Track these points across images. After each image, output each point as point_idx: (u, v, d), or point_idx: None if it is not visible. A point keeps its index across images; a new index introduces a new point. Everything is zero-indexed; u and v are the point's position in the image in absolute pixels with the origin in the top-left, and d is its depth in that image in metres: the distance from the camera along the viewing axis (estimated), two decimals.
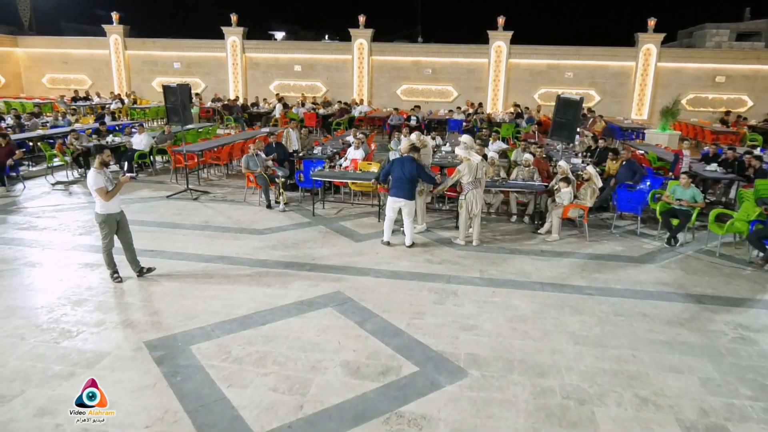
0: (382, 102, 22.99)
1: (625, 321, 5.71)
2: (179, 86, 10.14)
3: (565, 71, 21.86)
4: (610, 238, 8.53)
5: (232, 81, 24.13)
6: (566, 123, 9.07)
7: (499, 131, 16.42)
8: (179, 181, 11.49)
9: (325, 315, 5.60)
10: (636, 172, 9.50)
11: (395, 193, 7.50)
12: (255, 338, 5.13)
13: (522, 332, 5.40)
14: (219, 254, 7.31)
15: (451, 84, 22.83)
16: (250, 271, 6.74)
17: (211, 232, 8.27)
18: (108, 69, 25.12)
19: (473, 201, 7.74)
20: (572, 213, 8.39)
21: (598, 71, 21.76)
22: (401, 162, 7.51)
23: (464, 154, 7.74)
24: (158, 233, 8.17)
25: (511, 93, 22.34)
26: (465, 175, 7.67)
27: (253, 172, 10.03)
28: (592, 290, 6.44)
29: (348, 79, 23.34)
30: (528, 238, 8.38)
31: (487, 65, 22.23)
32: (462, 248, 7.84)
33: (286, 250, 7.56)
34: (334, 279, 6.54)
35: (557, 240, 8.25)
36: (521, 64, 22.15)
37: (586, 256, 7.66)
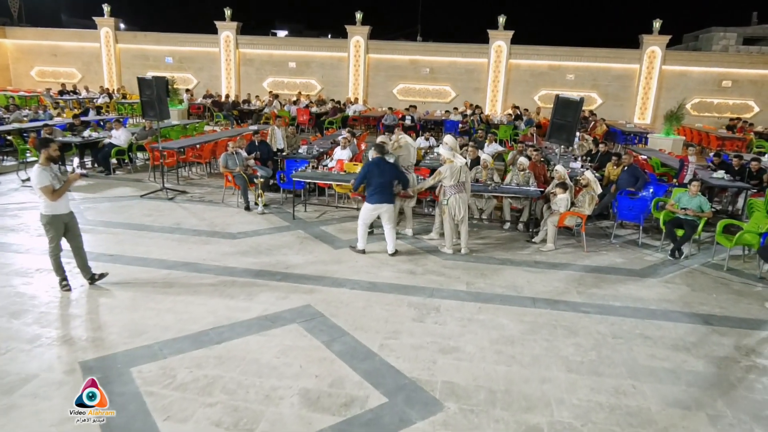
0: (378, 101, 22.62)
1: (625, 344, 5.18)
2: (155, 78, 9.66)
3: (567, 73, 21.52)
4: (609, 249, 8.11)
5: (224, 77, 23.77)
6: (565, 125, 8.62)
7: (497, 133, 16.11)
8: (157, 180, 10.99)
9: (290, 333, 5.09)
10: (638, 178, 9.09)
11: (379, 200, 7.07)
12: (206, 360, 4.59)
13: (508, 356, 4.85)
14: (184, 260, 6.84)
15: (449, 84, 22.51)
16: (215, 280, 6.25)
17: (180, 236, 7.82)
18: (98, 63, 24.70)
19: (456, 206, 7.30)
20: (569, 221, 7.98)
21: (600, 73, 21.39)
22: (379, 166, 7.07)
23: (447, 155, 7.29)
24: (123, 235, 7.74)
25: (511, 94, 22.00)
26: (446, 178, 7.25)
27: (231, 171, 9.54)
28: (588, 308, 5.95)
29: (343, 78, 22.99)
30: (521, 248, 7.95)
31: (486, 65, 21.89)
32: (449, 257, 7.37)
33: (258, 256, 7.09)
34: (305, 290, 6.06)
35: (552, 250, 7.83)
36: (522, 64, 21.80)
37: (583, 268, 7.22)
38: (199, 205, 9.51)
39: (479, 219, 9.06)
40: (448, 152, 7.29)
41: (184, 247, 7.34)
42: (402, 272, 6.72)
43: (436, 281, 6.48)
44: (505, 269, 7.01)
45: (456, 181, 7.22)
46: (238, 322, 5.25)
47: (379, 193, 7.06)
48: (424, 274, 6.71)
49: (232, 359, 4.59)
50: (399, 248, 7.51)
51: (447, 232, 7.48)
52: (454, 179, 7.22)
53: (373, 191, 7.08)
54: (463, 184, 7.26)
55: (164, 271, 6.46)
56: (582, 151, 12.25)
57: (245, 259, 6.96)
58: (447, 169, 7.23)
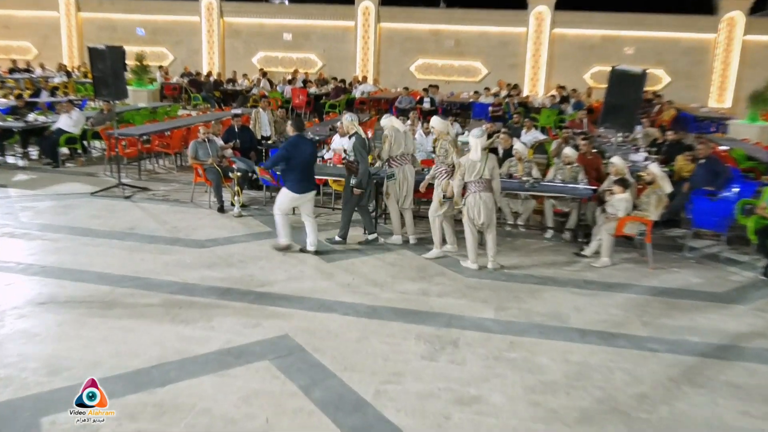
0: (392, 81, 22.48)
1: (707, 396, 4.73)
2: (109, 48, 9.43)
3: (625, 45, 21.17)
4: (682, 265, 7.76)
5: (206, 52, 23.82)
6: (623, 105, 8.43)
7: (537, 118, 15.83)
8: (114, 174, 10.87)
9: (258, 373, 4.75)
10: (718, 174, 8.73)
11: (307, 188, 7.31)
12: (143, 408, 4.23)
13: (548, 411, 4.43)
14: (132, 274, 6.62)
15: (479, 59, 22.30)
16: (168, 300, 5.99)
17: (132, 243, 7.65)
18: (57, 35, 24.81)
19: (475, 208, 7.03)
20: (630, 228, 7.66)
21: (667, 46, 20.95)
22: (300, 146, 7.18)
23: (482, 143, 7.10)
24: (63, 242, 7.58)
25: (555, 72, 21.71)
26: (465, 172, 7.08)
27: (202, 163, 9.29)
28: (656, 344, 5.56)
29: (350, 52, 22.87)
30: (567, 262, 7.64)
31: (524, 36, 21.65)
32: (472, 274, 7.05)
33: (227, 270, 6.85)
34: (283, 316, 5.75)
35: (608, 266, 7.52)
36: (568, 35, 21.51)
37: (648, 290, 6.87)
38: (162, 205, 9.40)
39: (513, 225, 8.86)
40: (479, 139, 7.07)
41: (136, 257, 7.15)
42: (410, 293, 6.42)
43: (455, 306, 6.17)
44: (546, 291, 6.70)
45: (477, 176, 6.96)
46: (191, 357, 4.93)
47: (306, 179, 7.28)
48: (439, 296, 6.40)
49: (177, 409, 4.23)
50: (408, 260, 7.28)
51: (468, 242, 7.21)
52: (474, 173, 6.96)
53: (298, 177, 7.20)
54: (483, 180, 7.00)
55: (105, 287, 6.24)
56: (646, 141, 11.91)
57: (210, 273, 6.73)
58: (467, 161, 7.04)
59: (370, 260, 7.32)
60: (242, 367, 4.81)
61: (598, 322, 5.93)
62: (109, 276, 6.52)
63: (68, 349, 4.98)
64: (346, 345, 5.23)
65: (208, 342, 5.17)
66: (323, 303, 6.05)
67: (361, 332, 5.48)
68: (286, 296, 6.17)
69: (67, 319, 5.49)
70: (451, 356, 5.13)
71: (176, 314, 5.68)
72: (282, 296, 6.17)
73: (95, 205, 9.20)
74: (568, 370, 4.99)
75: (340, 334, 5.42)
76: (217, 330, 5.40)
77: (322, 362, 4.93)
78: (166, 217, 8.78)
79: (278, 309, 5.87)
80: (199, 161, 9.32)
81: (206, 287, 6.32)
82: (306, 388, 4.54)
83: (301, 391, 4.49)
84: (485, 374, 4.87)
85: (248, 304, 5.95)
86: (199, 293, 6.17)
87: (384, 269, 7.06)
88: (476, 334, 5.56)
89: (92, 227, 8.15)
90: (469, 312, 6.02)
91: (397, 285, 6.62)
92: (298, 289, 6.38)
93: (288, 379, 4.66)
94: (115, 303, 5.88)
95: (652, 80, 20.14)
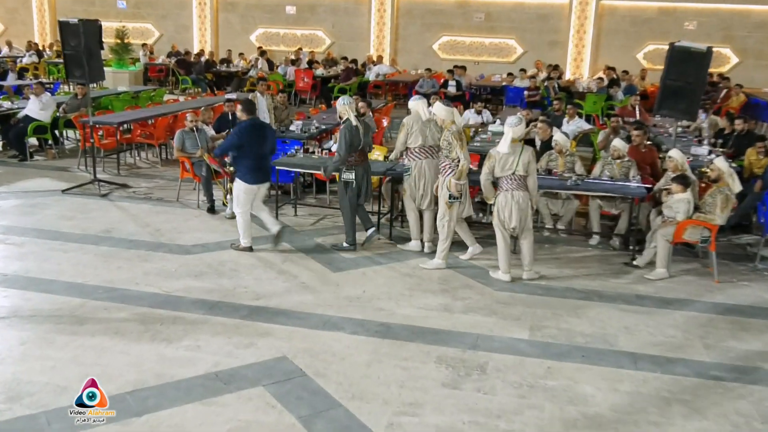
0: (412, 61, 22.57)
1: None
2: (83, 23, 9.57)
3: (686, 19, 20.94)
4: (753, 278, 7.72)
5: (197, 28, 24.09)
6: (684, 89, 8.47)
7: (582, 105, 15.86)
8: (89, 168, 11.01)
9: (251, 402, 4.76)
10: None
11: (261, 179, 7.64)
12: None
13: None
14: (108, 284, 6.72)
15: (513, 36, 22.24)
16: (149, 315, 6.05)
17: (109, 248, 7.75)
18: (26, 9, 25.19)
19: (506, 209, 7.05)
20: (690, 234, 7.63)
21: (735, 20, 20.77)
22: (256, 129, 7.56)
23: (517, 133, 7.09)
24: (29, 246, 7.71)
25: (603, 51, 21.62)
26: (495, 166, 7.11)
27: (190, 156, 9.39)
28: (722, 371, 5.51)
29: (363, 28, 22.98)
30: (616, 273, 7.64)
31: (567, 9, 21.59)
32: (504, 287, 7.05)
33: (218, 280, 6.93)
34: (281, 334, 5.78)
35: (665, 278, 7.49)
36: (619, 7, 21.41)
37: (712, 307, 6.83)
38: (144, 205, 9.52)
39: (552, 230, 8.86)
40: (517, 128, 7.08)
41: (112, 265, 7.24)
42: (430, 309, 6.44)
43: (483, 324, 6.17)
44: (591, 307, 6.68)
45: (510, 172, 6.97)
46: (172, 382, 4.96)
47: (259, 169, 7.59)
48: (464, 312, 6.42)
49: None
50: (427, 270, 7.33)
51: (500, 249, 7.23)
52: (507, 168, 6.98)
53: (250, 166, 7.49)
54: (522, 177, 6.99)
55: (76, 300, 6.32)
56: (711, 131, 11.88)
57: (198, 284, 6.81)
58: (497, 153, 7.06)
59: (384, 269, 7.34)
60: (232, 394, 4.82)
61: (653, 345, 5.90)
62: (80, 287, 6.60)
63: (31, 371, 5.02)
64: (354, 369, 5.23)
65: (194, 364, 5.19)
66: (328, 320, 6.07)
67: (371, 354, 5.48)
68: (285, 311, 6.20)
69: (31, 337, 5.53)
70: (478, 384, 5.11)
71: (157, 332, 5.71)
72: (280, 311, 6.19)
73: (67, 205, 9.29)
74: (616, 402, 4.96)
75: (347, 357, 5.43)
76: (204, 350, 5.42)
77: (325, 389, 4.93)
78: (148, 218, 8.84)
79: (275, 326, 5.89)
80: (187, 154, 9.37)
81: (192, 300, 6.37)
82: (306, 420, 4.53)
83: (300, 423, 4.50)
84: (518, 406, 4.85)
85: (240, 321, 5.97)
86: (183, 307, 6.21)
87: (400, 280, 7.08)
88: (507, 357, 5.54)
89: (63, 230, 8.24)
90: (499, 331, 6.00)
91: (415, 299, 6.63)
92: (299, 303, 6.40)
93: (285, 408, 4.66)
94: (87, 318, 5.93)
95: (717, 60, 19.91)
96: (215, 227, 8.56)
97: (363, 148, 7.76)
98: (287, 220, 8.92)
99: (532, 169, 7.09)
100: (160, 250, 7.66)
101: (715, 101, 16.65)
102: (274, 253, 7.72)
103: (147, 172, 11.48)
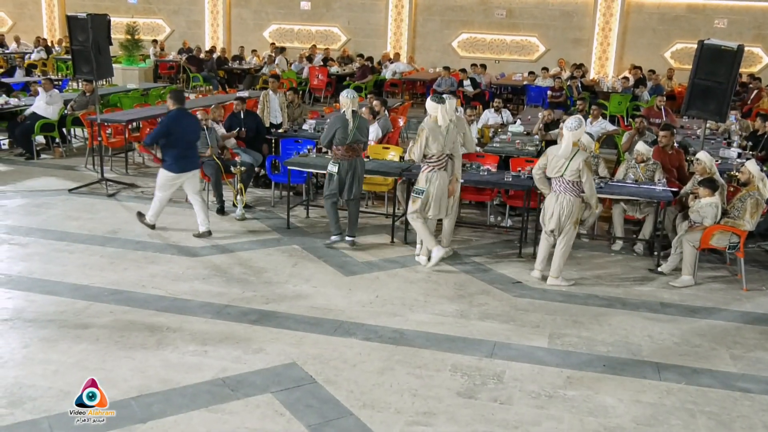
0: (431, 59, 22.59)
1: None
2: (91, 17, 9.61)
3: (716, 17, 20.82)
4: None
5: (209, 24, 24.18)
6: (713, 88, 8.44)
7: (606, 105, 15.87)
8: (96, 167, 11.14)
9: (259, 409, 4.77)
10: None
11: (185, 167, 8.04)
12: None
13: None
14: (114, 286, 6.76)
15: (535, 34, 22.21)
16: (154, 319, 6.07)
17: (116, 249, 7.80)
18: (35, 4, 25.38)
19: (548, 209, 7.27)
20: (718, 241, 7.60)
21: (767, 18, 20.41)
22: (182, 120, 7.98)
23: (576, 137, 7.15)
24: (33, 247, 7.77)
25: (629, 49, 21.56)
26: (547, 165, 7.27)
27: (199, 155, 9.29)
28: (749, 382, 5.48)
29: (380, 24, 23.01)
30: (640, 280, 7.64)
31: (592, 5, 21.52)
32: (523, 293, 7.07)
33: (227, 284, 6.95)
34: (291, 340, 5.80)
35: (691, 285, 7.48)
36: (646, 4, 21.32)
37: (740, 316, 6.82)
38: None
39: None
40: (577, 131, 7.12)
41: (119, 266, 7.29)
42: (446, 315, 6.45)
43: (500, 331, 6.17)
44: (614, 315, 6.67)
45: (559, 175, 7.09)
46: (178, 388, 4.98)
47: (190, 156, 8.10)
48: (481, 319, 6.42)
49: None
50: (444, 275, 7.31)
51: (540, 247, 7.43)
52: (556, 171, 7.09)
53: (176, 154, 7.94)
54: (571, 182, 7.10)
55: (82, 302, 6.37)
56: (742, 132, 11.89)
57: (206, 287, 6.84)
58: (552, 152, 7.21)
59: (398, 274, 7.35)
60: (240, 401, 4.83)
61: (677, 355, 5.89)
62: (85, 289, 6.64)
63: (34, 375, 5.05)
64: (366, 377, 5.24)
65: (200, 370, 5.22)
66: (339, 325, 6.09)
67: (384, 362, 5.49)
68: (295, 316, 6.22)
69: (34, 340, 5.58)
70: (494, 393, 5.11)
71: (163, 336, 5.73)
72: (290, 316, 6.22)
73: (73, 204, 9.33)
74: (638, 414, 4.95)
75: (358, 364, 5.43)
76: (211, 356, 5.44)
77: (336, 397, 4.93)
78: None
79: (285, 331, 5.91)
80: None
81: (200, 304, 6.40)
82: (315, 429, 4.54)
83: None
84: (536, 416, 4.84)
85: (249, 325, 6.00)
86: (191, 311, 6.24)
87: (414, 285, 7.09)
88: (525, 366, 5.54)
89: (69, 230, 8.30)
90: (517, 339, 6.00)
91: (430, 305, 6.64)
92: (310, 307, 6.43)
93: (294, 417, 4.67)
94: (92, 321, 5.96)
95: (748, 59, 19.79)
96: (225, 229, 8.57)
97: (352, 145, 7.83)
98: (299, 222, 8.97)
99: (584, 175, 7.09)
100: (168, 252, 7.71)
101: (745, 102, 16.55)
102: (284, 256, 7.75)
103: (155, 171, 11.25)
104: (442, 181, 7.38)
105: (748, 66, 19.86)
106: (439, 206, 7.46)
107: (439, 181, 7.36)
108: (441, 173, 7.38)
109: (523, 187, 8.09)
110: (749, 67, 20.07)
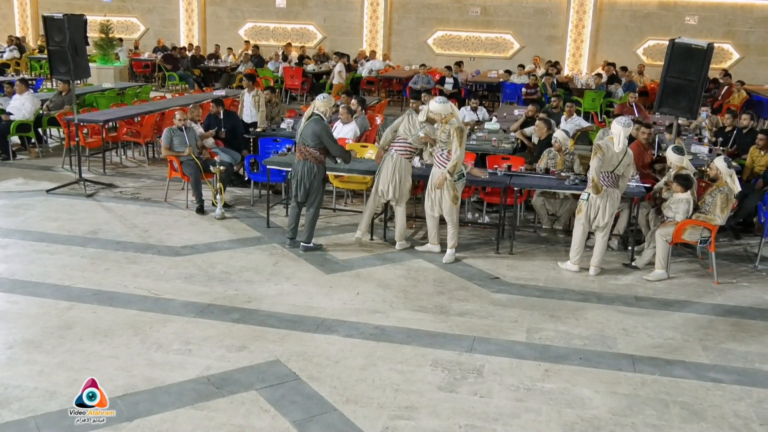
0: (406, 56, 22.58)
1: None
2: (68, 18, 9.52)
3: (687, 14, 20.96)
4: (753, 279, 7.77)
5: (184, 22, 24.03)
6: (685, 86, 8.41)
7: (580, 102, 15.88)
8: (74, 167, 10.99)
9: (243, 406, 4.80)
10: None
11: None
12: None
13: None
14: (96, 287, 6.72)
15: (510, 31, 22.25)
16: (138, 318, 6.07)
17: (96, 250, 7.75)
18: (7, 2, 25.08)
19: (595, 204, 7.41)
20: (690, 235, 7.67)
21: (737, 14, 20.79)
22: None
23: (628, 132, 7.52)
24: (13, 248, 7.71)
25: (603, 46, 21.69)
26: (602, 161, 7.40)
27: (178, 154, 9.33)
28: (721, 373, 5.58)
29: (355, 22, 22.98)
30: (615, 274, 7.69)
31: (565, 3, 21.59)
32: (503, 286, 7.15)
33: (209, 283, 6.95)
34: (274, 338, 5.82)
35: (664, 279, 7.54)
36: (618, 2, 21.43)
37: (712, 309, 6.89)
38: (131, 205, 9.51)
39: (550, 230, 8.93)
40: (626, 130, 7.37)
41: (100, 267, 7.25)
42: (427, 311, 6.48)
43: (480, 326, 6.20)
44: (589, 309, 6.73)
45: (611, 170, 7.31)
46: (164, 386, 5.00)
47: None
48: (460, 314, 6.45)
49: None
50: (424, 271, 7.32)
51: (575, 239, 7.63)
52: (610, 167, 7.31)
53: None
54: (617, 177, 7.39)
55: (64, 303, 6.33)
56: (711, 128, 11.98)
57: (188, 286, 6.83)
58: (607, 148, 7.35)
59: (378, 271, 7.37)
60: (225, 398, 4.85)
61: (651, 347, 5.94)
62: (67, 289, 6.61)
63: (19, 376, 5.03)
64: (349, 373, 5.26)
65: (183, 368, 5.22)
66: (321, 322, 6.09)
67: (366, 358, 5.51)
68: (278, 314, 6.22)
69: (17, 341, 5.54)
70: (475, 387, 5.15)
71: (147, 335, 5.72)
72: (272, 314, 6.22)
73: (52, 205, 9.26)
74: (614, 405, 5.01)
75: (341, 360, 5.46)
76: (196, 354, 5.45)
77: (319, 393, 4.96)
78: (136, 219, 8.84)
79: (268, 329, 5.91)
80: (175, 152, 9.29)
81: (182, 303, 6.38)
82: (300, 425, 4.57)
83: (294, 428, 4.53)
84: (515, 409, 4.89)
85: (232, 324, 5.99)
86: (173, 310, 6.23)
87: (394, 282, 7.11)
88: (504, 360, 5.58)
89: (48, 231, 8.22)
90: (496, 334, 6.03)
91: (410, 301, 6.67)
92: (292, 305, 6.43)
93: (279, 413, 4.69)
94: (75, 322, 5.93)
95: (718, 56, 19.96)
96: (205, 229, 8.55)
97: (299, 145, 7.71)
98: (278, 221, 8.91)
99: (628, 172, 7.44)
100: (149, 252, 7.68)
101: (716, 98, 16.69)
102: (265, 255, 7.74)
103: (134, 171, 11.46)
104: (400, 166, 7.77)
105: (718, 62, 20.00)
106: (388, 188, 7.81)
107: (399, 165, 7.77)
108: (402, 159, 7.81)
109: (500, 184, 8.15)
110: (720, 63, 20.18)
